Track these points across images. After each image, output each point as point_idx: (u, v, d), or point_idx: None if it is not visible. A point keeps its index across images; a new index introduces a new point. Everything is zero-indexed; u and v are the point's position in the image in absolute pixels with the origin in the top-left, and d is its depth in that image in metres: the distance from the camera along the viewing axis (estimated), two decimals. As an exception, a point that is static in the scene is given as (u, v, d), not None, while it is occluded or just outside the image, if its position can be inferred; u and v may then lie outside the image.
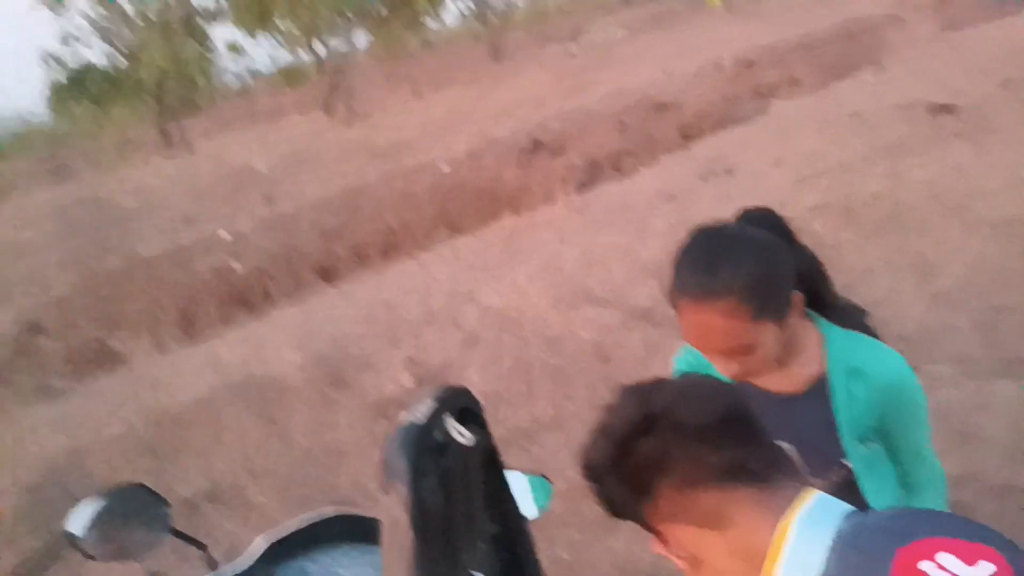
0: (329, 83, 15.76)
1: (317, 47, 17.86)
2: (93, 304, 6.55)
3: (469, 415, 0.87)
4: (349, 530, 1.27)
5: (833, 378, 1.16)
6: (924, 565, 0.60)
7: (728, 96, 9.94)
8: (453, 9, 21.37)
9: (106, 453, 3.99)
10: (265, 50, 28.68)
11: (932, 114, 6.56)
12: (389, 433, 0.80)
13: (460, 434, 0.82)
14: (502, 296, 4.89)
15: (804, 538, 0.69)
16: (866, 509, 0.75)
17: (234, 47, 19.41)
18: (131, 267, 7.07)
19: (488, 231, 6.63)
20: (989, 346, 3.30)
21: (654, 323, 4.11)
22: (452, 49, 22.35)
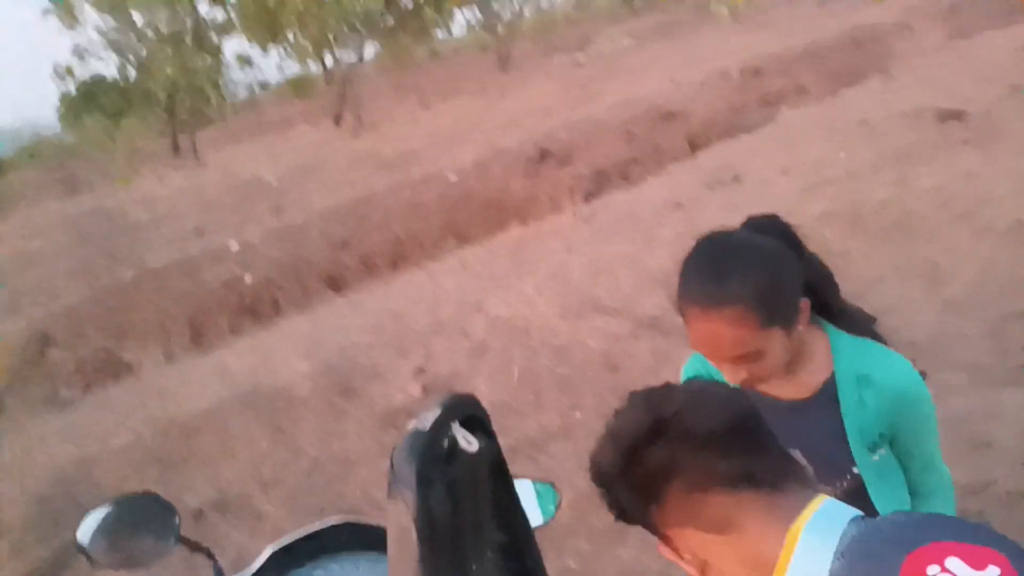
0: (337, 94, 15.85)
1: (326, 58, 18.00)
2: (102, 314, 6.59)
3: (476, 423, 0.87)
4: (357, 538, 1.27)
5: (842, 385, 1.16)
6: (933, 570, 0.60)
7: (735, 105, 9.94)
8: (460, 19, 21.49)
9: (114, 463, 4.01)
10: (274, 61, 28.92)
11: (940, 121, 6.55)
12: (397, 441, 0.80)
13: (467, 441, 0.82)
14: (510, 306, 4.89)
15: (812, 544, 0.69)
16: (875, 516, 0.75)
17: (244, 59, 19.60)
18: (140, 277, 7.11)
19: (496, 241, 6.64)
20: (1000, 353, 3.28)
21: (662, 332, 4.10)
22: (459, 59, 22.47)
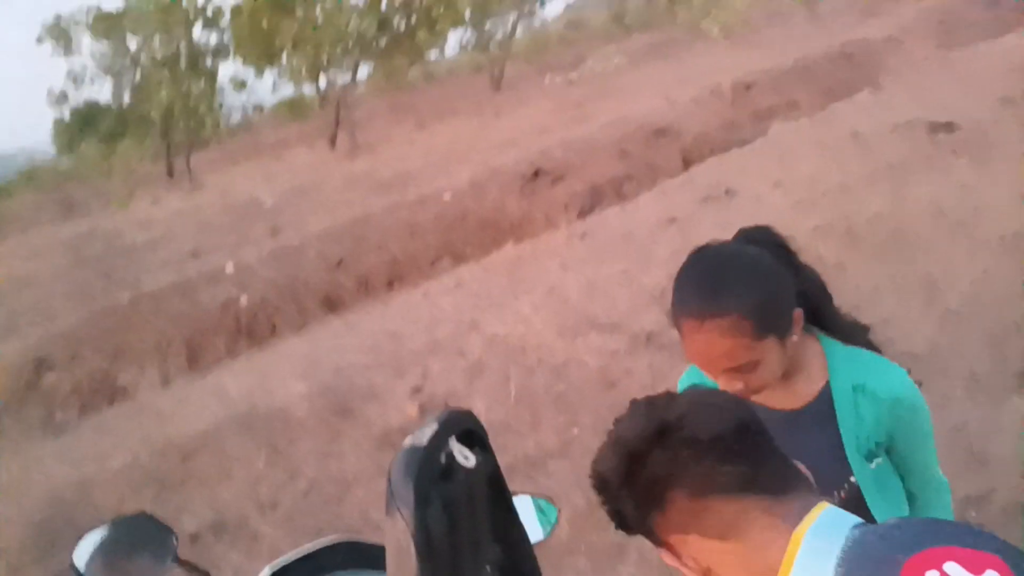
0: (332, 116, 15.94)
1: (320, 80, 18.10)
2: (99, 336, 6.57)
3: (473, 438, 0.86)
4: (355, 557, 1.26)
5: (837, 394, 1.16)
6: (931, 575, 0.60)
7: (728, 121, 10.01)
8: (453, 41, 21.65)
9: (111, 485, 3.98)
10: (268, 84, 29.10)
11: (932, 133, 6.60)
12: (394, 456, 0.80)
13: (464, 456, 0.82)
14: (506, 324, 4.89)
15: (814, 550, 0.69)
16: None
17: (238, 82, 19.71)
18: (137, 299, 7.10)
19: (491, 259, 6.65)
20: (999, 363, 3.28)
21: (659, 347, 4.10)
22: (453, 80, 22.61)
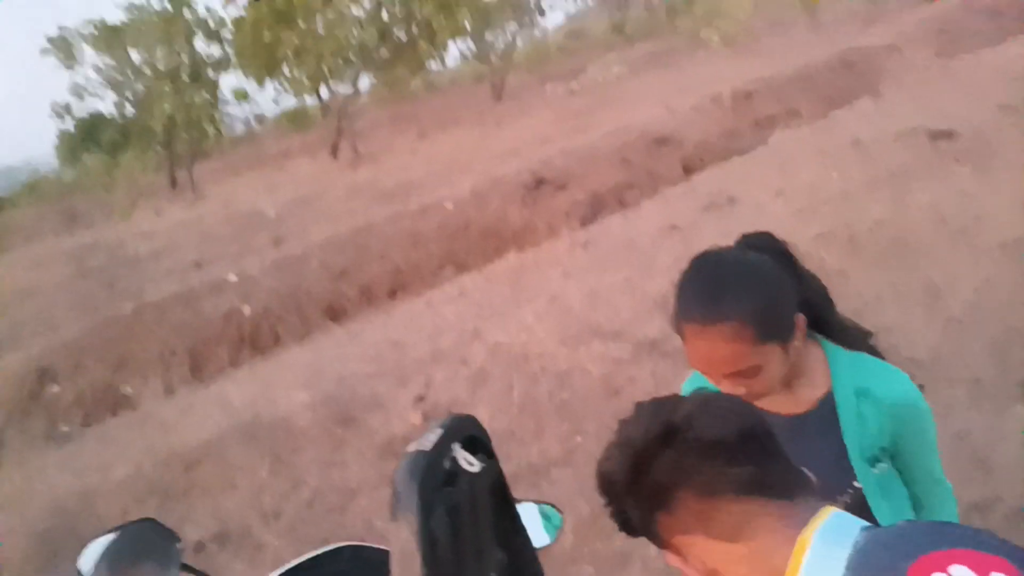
0: (334, 126, 16.00)
1: (322, 91, 18.18)
2: (102, 346, 6.58)
3: (477, 444, 0.87)
4: (358, 563, 1.26)
5: (840, 399, 1.16)
6: None
7: (728, 129, 10.03)
8: (454, 51, 21.74)
9: (115, 494, 3.98)
10: (270, 95, 29.22)
11: (933, 141, 6.61)
12: (398, 462, 0.80)
13: (468, 462, 0.82)
14: (509, 333, 4.89)
15: (821, 553, 0.69)
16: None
17: (240, 93, 19.81)
18: (140, 310, 7.11)
19: (494, 268, 6.66)
20: (1003, 370, 3.27)
21: (663, 355, 4.10)
22: (455, 90, 22.71)
